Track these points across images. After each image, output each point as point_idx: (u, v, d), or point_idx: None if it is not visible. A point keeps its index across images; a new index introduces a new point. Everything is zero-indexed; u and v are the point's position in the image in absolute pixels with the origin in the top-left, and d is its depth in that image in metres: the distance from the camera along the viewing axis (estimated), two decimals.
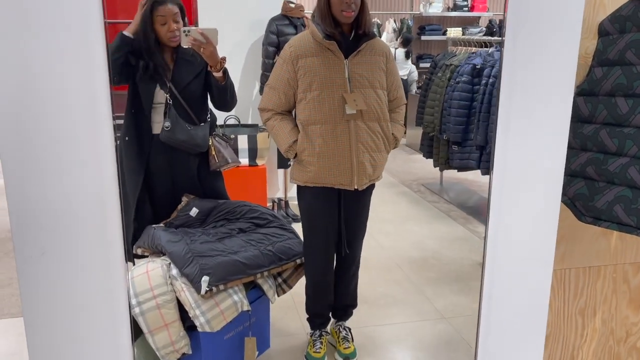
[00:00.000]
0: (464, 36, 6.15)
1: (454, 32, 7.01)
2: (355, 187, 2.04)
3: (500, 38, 3.84)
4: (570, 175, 1.63)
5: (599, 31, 1.58)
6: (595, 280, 1.89)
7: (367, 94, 2.00)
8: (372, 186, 2.18)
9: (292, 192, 4.34)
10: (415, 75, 6.44)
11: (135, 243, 2.14)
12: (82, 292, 1.13)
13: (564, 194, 1.66)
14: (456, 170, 4.30)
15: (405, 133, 2.26)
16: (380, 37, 6.41)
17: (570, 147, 1.65)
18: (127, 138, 2.16)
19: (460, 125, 3.96)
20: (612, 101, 1.50)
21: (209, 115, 2.28)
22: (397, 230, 3.82)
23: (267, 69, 3.83)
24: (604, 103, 1.53)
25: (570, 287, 1.88)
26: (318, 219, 2.12)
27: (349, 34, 2.00)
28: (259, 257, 2.05)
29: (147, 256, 2.11)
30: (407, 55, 6.37)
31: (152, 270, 1.95)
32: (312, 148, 2.00)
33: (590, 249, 1.85)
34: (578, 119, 1.61)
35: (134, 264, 2.09)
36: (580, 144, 1.60)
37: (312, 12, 2.08)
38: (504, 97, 1.26)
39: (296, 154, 2.04)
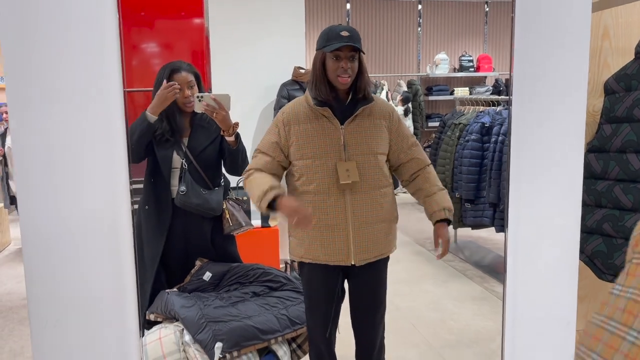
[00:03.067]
0: (471, 95, 6.27)
1: (461, 92, 7.15)
2: (353, 263, 1.86)
3: (507, 97, 3.91)
4: (587, 232, 1.61)
5: (605, 90, 1.61)
6: None
7: (366, 161, 1.85)
8: (383, 261, 1.97)
9: None
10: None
11: (148, 308, 2.12)
12: None
13: (581, 251, 1.63)
14: (470, 228, 4.26)
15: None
16: (388, 100, 6.57)
17: (584, 204, 1.64)
18: (147, 207, 2.19)
19: (472, 182, 3.97)
20: (623, 157, 1.51)
21: (222, 180, 2.31)
22: (413, 290, 3.75)
23: None
24: (615, 159, 1.53)
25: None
26: (317, 298, 1.95)
27: (345, 99, 1.86)
28: (273, 322, 2.01)
29: (160, 322, 2.08)
30: (406, 113, 6.54)
31: (164, 337, 1.92)
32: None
33: None
34: (591, 175, 1.61)
35: (147, 330, 2.06)
36: (594, 200, 1.60)
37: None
38: (514, 156, 1.27)
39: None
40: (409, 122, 6.65)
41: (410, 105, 6.68)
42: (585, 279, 1.66)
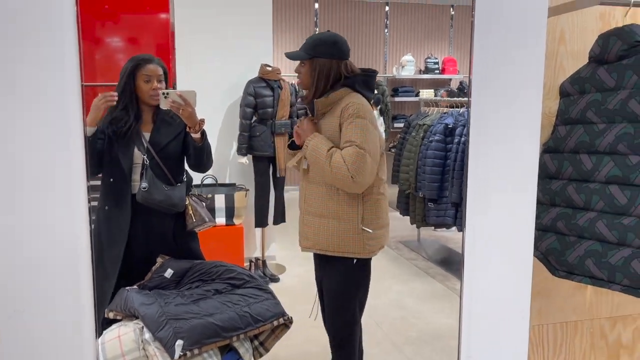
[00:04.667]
0: (435, 97, 6.37)
1: (426, 94, 7.25)
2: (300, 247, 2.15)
3: (467, 99, 3.99)
4: (542, 230, 1.66)
5: (560, 92, 1.66)
6: (573, 335, 1.89)
7: None
8: (340, 260, 2.09)
9: (270, 251, 4.30)
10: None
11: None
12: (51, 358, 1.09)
13: (536, 248, 1.68)
14: (433, 228, 4.33)
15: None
16: None
17: (540, 202, 1.69)
18: (106, 207, 2.16)
19: (435, 182, 4.03)
20: (576, 158, 1.56)
21: (184, 176, 2.29)
22: (376, 288, 3.78)
23: (244, 129, 3.89)
24: (569, 160, 1.58)
25: (549, 343, 1.87)
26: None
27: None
28: (235, 319, 2.00)
29: (120, 320, 2.04)
30: (380, 113, 6.59)
31: (123, 335, 1.88)
32: None
33: (566, 304, 1.86)
34: (546, 175, 1.66)
35: (105, 329, 2.02)
36: (549, 199, 1.65)
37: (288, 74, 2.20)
38: (473, 156, 1.30)
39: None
40: (380, 122, 6.67)
41: (381, 106, 6.73)
42: (540, 275, 1.71)
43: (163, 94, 2.03)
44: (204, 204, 2.37)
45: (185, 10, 3.77)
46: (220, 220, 3.62)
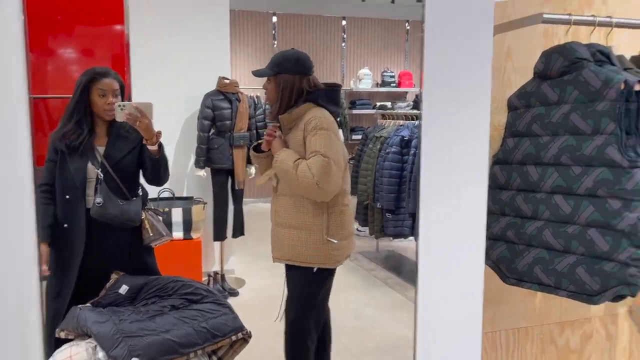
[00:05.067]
0: (392, 110, 6.48)
1: (385, 107, 7.37)
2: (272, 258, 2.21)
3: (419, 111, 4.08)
4: (493, 239, 1.72)
5: (508, 106, 1.73)
6: (524, 341, 1.95)
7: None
8: (300, 270, 2.15)
9: (229, 265, 4.26)
10: None
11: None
12: None
13: (488, 257, 1.73)
14: (391, 238, 4.39)
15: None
16: None
17: (490, 212, 1.74)
18: (65, 225, 2.11)
19: (392, 193, 4.09)
20: (524, 169, 1.62)
21: (140, 190, 2.25)
22: (335, 299, 3.79)
23: (202, 142, 3.86)
24: (517, 171, 1.65)
25: (501, 349, 1.93)
26: None
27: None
28: (193, 335, 1.97)
29: (72, 339, 1.98)
30: (339, 125, 6.67)
31: (75, 355, 1.83)
32: None
33: (517, 311, 1.92)
34: (495, 186, 1.72)
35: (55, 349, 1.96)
36: (499, 209, 1.70)
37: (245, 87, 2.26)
38: (424, 168, 1.34)
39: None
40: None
41: (340, 119, 6.81)
42: (492, 283, 1.76)
43: (119, 106, 2.01)
44: (160, 217, 2.34)
45: (141, 21, 3.73)
46: (178, 234, 3.57)
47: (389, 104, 7.47)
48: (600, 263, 1.41)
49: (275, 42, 7.54)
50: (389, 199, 4.10)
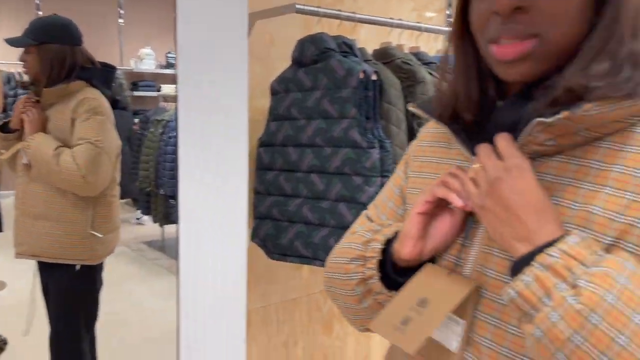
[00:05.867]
0: (175, 93, 6.30)
1: (168, 89, 7.13)
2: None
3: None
4: (260, 218, 1.79)
5: (271, 91, 1.80)
6: (293, 312, 2.08)
7: None
8: (61, 268, 1.93)
9: None
10: None
11: None
12: None
13: (256, 236, 1.80)
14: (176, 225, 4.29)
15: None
16: None
17: (258, 192, 1.82)
18: None
19: (175, 179, 3.99)
20: (285, 150, 1.72)
21: None
22: (114, 291, 3.59)
23: None
24: (279, 152, 1.74)
25: (272, 322, 2.03)
26: None
27: None
28: None
29: None
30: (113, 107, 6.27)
31: None
32: None
33: (287, 285, 2.04)
34: (261, 167, 1.79)
35: None
36: (265, 189, 1.78)
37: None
38: (183, 152, 1.33)
39: None
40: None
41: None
42: (261, 261, 1.85)
43: None
44: None
45: None
46: None
47: (175, 86, 7.25)
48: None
49: (40, 13, 6.70)
50: (173, 184, 4.00)
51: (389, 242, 0.70)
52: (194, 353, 1.40)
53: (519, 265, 0.51)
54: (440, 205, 0.65)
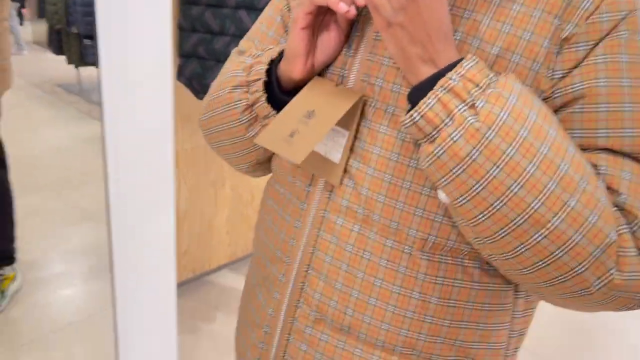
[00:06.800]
0: None
1: None
2: None
3: None
4: (185, 56, 1.71)
5: None
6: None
7: None
8: None
9: None
10: None
11: None
12: None
13: (182, 75, 1.74)
14: (95, 67, 4.04)
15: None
16: None
17: (182, 29, 1.72)
18: None
19: (90, 16, 3.67)
20: None
21: None
22: (30, 137, 3.45)
23: None
24: None
25: (200, 163, 2.06)
26: None
27: None
28: None
29: None
30: None
31: None
32: None
33: None
34: (186, 1, 1.67)
35: None
36: (190, 25, 1.68)
37: None
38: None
39: None
40: None
41: None
42: (188, 100, 1.81)
43: None
44: None
45: None
46: None
47: None
48: None
49: None
50: (87, 22, 3.68)
51: (273, 64, 0.64)
52: (122, 189, 1.41)
53: (422, 87, 0.52)
54: (321, 14, 0.60)
